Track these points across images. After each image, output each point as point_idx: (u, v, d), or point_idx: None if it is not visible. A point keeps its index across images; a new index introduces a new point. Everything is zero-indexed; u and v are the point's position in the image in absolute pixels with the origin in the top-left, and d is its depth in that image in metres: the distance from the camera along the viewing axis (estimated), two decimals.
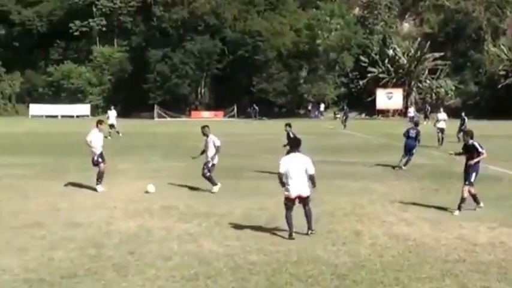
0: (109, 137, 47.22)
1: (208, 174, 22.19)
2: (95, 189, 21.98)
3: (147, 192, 21.31)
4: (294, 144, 15.94)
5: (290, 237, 14.70)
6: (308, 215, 15.11)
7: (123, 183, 23.84)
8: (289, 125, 28.01)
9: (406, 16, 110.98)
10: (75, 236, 15.06)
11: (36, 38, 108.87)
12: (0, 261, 12.78)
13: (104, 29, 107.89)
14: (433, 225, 16.38)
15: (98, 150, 22.57)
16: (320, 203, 19.32)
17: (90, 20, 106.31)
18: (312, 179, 15.16)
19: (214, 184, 22.07)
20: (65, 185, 23.02)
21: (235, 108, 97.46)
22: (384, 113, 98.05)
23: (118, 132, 49.22)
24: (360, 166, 30.28)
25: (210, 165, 22.24)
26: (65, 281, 11.51)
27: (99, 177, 22.29)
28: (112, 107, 57.90)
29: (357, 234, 15.38)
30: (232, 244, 14.22)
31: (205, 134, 22.67)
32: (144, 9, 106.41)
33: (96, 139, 22.59)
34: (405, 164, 29.05)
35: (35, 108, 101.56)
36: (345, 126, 66.21)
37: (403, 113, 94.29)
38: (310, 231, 15.01)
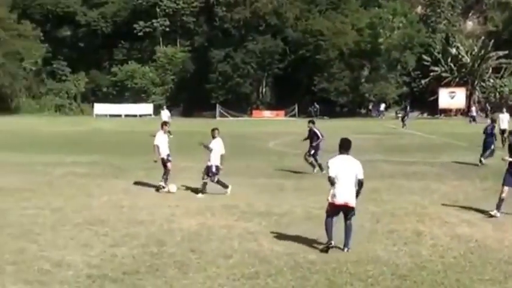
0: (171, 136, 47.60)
1: (214, 179, 21.51)
2: (158, 188, 22.19)
3: (169, 192, 21.32)
4: (343, 146, 13.91)
5: (325, 249, 13.36)
6: (348, 231, 13.43)
7: (185, 181, 23.98)
8: (312, 121, 28.10)
9: (470, 14, 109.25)
10: (137, 233, 15.22)
11: (101, 38, 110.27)
12: (65, 257, 12.98)
13: (167, 29, 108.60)
14: (496, 226, 16.11)
15: (165, 151, 22.88)
16: (381, 203, 19.26)
17: (154, 21, 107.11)
18: (360, 185, 13.49)
19: (226, 187, 21.44)
20: (129, 183, 23.27)
21: (296, 108, 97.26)
22: (446, 112, 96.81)
23: (169, 132, 49.35)
24: (422, 166, 29.97)
25: (213, 169, 21.62)
26: (127, 277, 11.64)
27: (166, 176, 22.51)
28: (164, 107, 58.55)
29: (418, 234, 15.21)
30: (292, 243, 14.19)
31: (214, 137, 22.18)
32: (206, 9, 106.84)
33: (162, 141, 22.93)
34: (486, 158, 29.71)
35: (100, 108, 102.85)
36: (404, 125, 65.57)
37: (465, 112, 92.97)
38: (346, 249, 13.29)
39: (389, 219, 16.89)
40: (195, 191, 21.69)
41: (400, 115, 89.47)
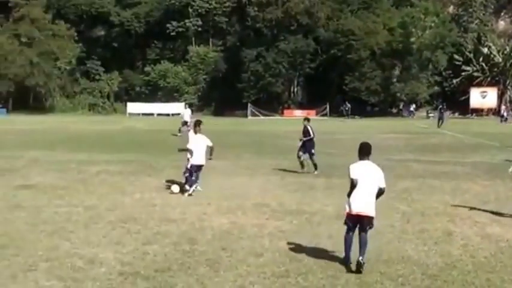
0: (179, 134, 47.98)
1: (187, 174, 21.20)
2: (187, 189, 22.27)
3: (172, 193, 21.07)
4: (363, 150, 12.50)
5: (346, 267, 12.09)
6: (363, 243, 11.97)
7: (216, 180, 24.03)
8: (307, 119, 27.90)
9: (502, 14, 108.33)
10: (169, 231, 15.26)
11: (134, 38, 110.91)
12: (97, 254, 13.06)
13: (200, 29, 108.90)
14: None
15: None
16: (411, 202, 19.16)
17: (187, 21, 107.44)
18: (380, 194, 12.11)
19: (190, 186, 20.87)
20: (161, 182, 23.34)
21: (328, 107, 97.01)
22: (477, 112, 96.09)
23: (179, 131, 49.51)
24: (453, 165, 29.77)
25: (188, 165, 21.22)
26: (159, 275, 11.68)
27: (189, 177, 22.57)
28: (187, 106, 58.81)
29: (449, 234, 15.11)
30: (323, 242, 14.14)
31: (195, 132, 21.60)
32: (238, 9, 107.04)
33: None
34: None
35: (132, 107, 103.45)
36: (439, 125, 65.04)
37: (497, 112, 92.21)
38: (361, 258, 11.77)
39: (420, 218, 16.79)
40: (227, 189, 21.70)
41: (431, 115, 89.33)
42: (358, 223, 12.05)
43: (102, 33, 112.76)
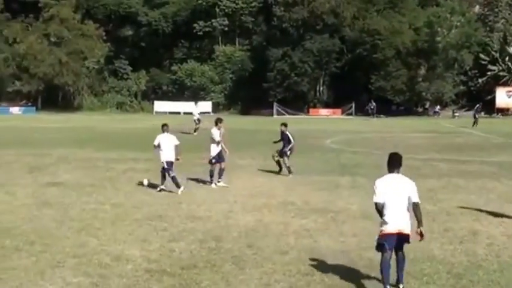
0: (194, 133, 48.23)
1: (172, 174, 21.44)
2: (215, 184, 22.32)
3: (143, 184, 21.78)
4: (392, 162, 11.01)
5: None
6: (400, 262, 10.96)
7: (242, 178, 24.03)
8: (285, 124, 26.58)
9: None
10: (195, 228, 15.27)
11: (161, 38, 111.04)
12: (124, 251, 13.09)
13: (226, 28, 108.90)
14: None
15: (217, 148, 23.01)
16: (437, 201, 19.02)
17: (213, 20, 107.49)
18: (415, 210, 10.69)
19: (178, 186, 20.94)
20: (187, 179, 23.37)
21: (353, 106, 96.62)
22: (503, 111, 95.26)
23: (195, 130, 50.12)
24: (478, 165, 29.55)
25: (165, 165, 21.50)
26: (185, 272, 11.67)
27: (221, 174, 22.63)
28: (198, 102, 59.48)
29: (474, 233, 14.96)
30: (348, 240, 14.10)
31: (162, 132, 22.02)
32: (265, 9, 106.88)
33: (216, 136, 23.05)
34: None
35: (159, 105, 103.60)
36: (474, 125, 63.99)
37: None
38: (402, 285, 10.88)
39: (445, 217, 16.66)
40: (252, 187, 21.70)
41: (457, 114, 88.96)
42: (395, 241, 10.70)
43: (130, 33, 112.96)
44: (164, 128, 22.06)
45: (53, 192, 20.72)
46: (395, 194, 10.60)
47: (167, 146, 21.63)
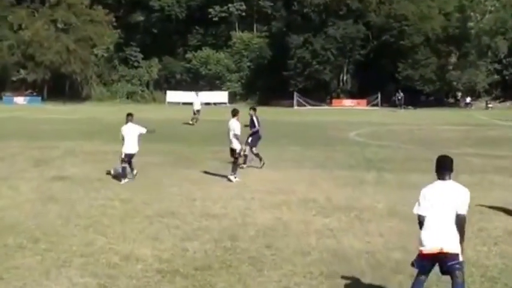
0: (194, 124, 48.32)
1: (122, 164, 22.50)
2: (229, 179, 22.31)
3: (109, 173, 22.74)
4: (441, 166, 9.75)
5: None
6: None
7: (260, 173, 23.97)
8: (253, 108, 27.68)
9: None
10: (210, 227, 15.24)
11: (174, 24, 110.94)
12: (134, 250, 13.06)
13: (243, 14, 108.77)
14: None
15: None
16: (470, 199, 18.80)
17: (230, 5, 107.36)
18: (457, 222, 9.38)
19: (124, 177, 22.18)
20: (201, 174, 23.36)
21: (379, 96, 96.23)
22: None
23: (196, 120, 50.25)
24: None
25: (122, 155, 22.57)
26: (198, 273, 11.62)
27: (235, 168, 22.64)
28: (198, 93, 59.23)
29: (510, 233, 14.83)
30: (374, 240, 14.01)
31: (126, 122, 23.17)
32: None
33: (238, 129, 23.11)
34: None
35: (172, 95, 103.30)
36: None
37: None
38: None
39: (479, 216, 16.47)
40: (271, 183, 21.65)
41: (490, 106, 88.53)
42: (435, 264, 9.48)
43: (142, 19, 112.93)
44: (128, 118, 23.14)
45: (59, 187, 20.78)
46: (440, 205, 9.37)
47: (128, 137, 22.69)
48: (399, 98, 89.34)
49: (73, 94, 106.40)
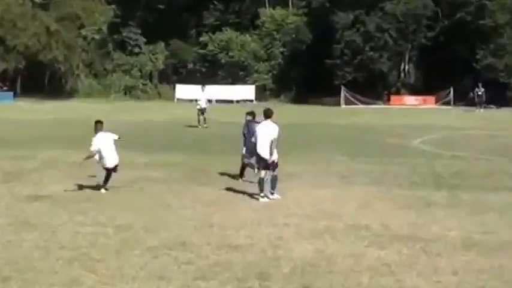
0: (199, 126, 48.53)
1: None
2: (257, 198, 22.35)
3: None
4: None
5: None
6: None
7: (296, 192, 23.98)
8: (251, 113, 27.53)
9: None
10: (231, 261, 15.28)
11: None
12: None
13: None
14: None
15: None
16: None
17: None
18: None
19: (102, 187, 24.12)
20: (219, 192, 23.43)
21: (452, 92, 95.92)
22: None
23: (204, 121, 50.66)
24: None
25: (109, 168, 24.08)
26: None
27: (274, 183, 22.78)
28: (206, 86, 58.82)
29: None
30: (446, 280, 14.00)
31: (96, 132, 24.34)
32: None
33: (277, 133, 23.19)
34: None
35: (182, 90, 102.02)
36: None
37: None
38: None
39: None
40: (311, 204, 21.67)
41: None
42: None
43: None
44: (98, 126, 24.31)
45: (37, 208, 20.92)
46: None
47: (107, 148, 24.04)
48: (479, 93, 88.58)
49: (54, 88, 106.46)
